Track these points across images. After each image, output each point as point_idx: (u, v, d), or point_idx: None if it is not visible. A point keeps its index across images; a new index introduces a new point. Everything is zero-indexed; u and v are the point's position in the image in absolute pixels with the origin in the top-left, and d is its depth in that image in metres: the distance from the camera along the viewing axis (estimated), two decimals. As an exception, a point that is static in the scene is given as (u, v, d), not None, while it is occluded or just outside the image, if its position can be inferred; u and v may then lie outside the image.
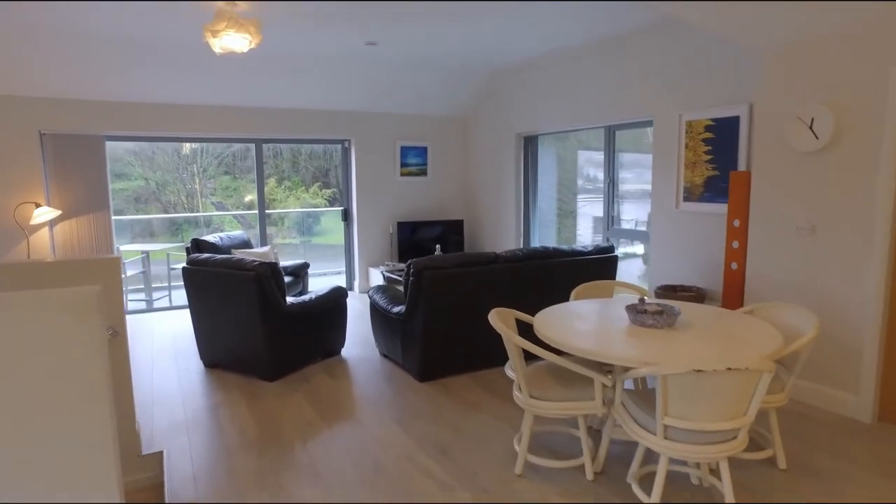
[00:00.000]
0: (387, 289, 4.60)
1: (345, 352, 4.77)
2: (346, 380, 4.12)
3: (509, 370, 2.77)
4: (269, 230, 8.16)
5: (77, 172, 5.77)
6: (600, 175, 5.82)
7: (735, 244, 3.92)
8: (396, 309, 4.12)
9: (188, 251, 5.52)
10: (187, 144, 7.63)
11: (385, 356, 4.60)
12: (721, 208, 4.33)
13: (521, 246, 6.85)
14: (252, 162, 7.92)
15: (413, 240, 7.32)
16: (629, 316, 2.75)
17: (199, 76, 5.81)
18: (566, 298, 4.32)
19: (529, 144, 6.69)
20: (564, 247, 4.40)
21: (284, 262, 6.16)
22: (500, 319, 2.71)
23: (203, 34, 4.03)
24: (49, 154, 5.67)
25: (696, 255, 4.63)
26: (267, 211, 6.96)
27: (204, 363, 4.46)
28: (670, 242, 4.83)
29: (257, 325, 3.94)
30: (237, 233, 6.14)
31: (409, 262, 3.92)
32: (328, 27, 4.77)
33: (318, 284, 7.99)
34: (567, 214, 6.76)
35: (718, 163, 4.35)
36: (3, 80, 5.28)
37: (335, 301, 4.48)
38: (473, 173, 7.67)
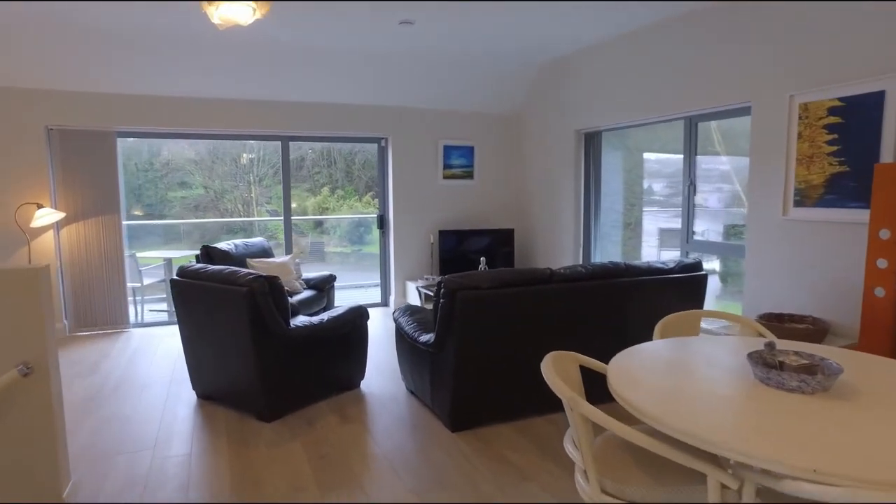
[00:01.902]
0: (416, 311, 3.77)
1: (365, 384, 3.97)
2: (360, 424, 3.30)
3: (570, 444, 1.88)
4: (323, 239, 8.06)
5: (86, 171, 5.25)
6: (670, 180, 4.83)
7: (882, 263, 2.87)
8: (424, 337, 3.28)
9: (197, 259, 4.88)
10: (245, 154, 7.44)
11: (412, 393, 3.77)
12: (852, 214, 3.29)
13: (581, 261, 5.90)
14: (307, 171, 7.64)
15: (456, 251, 6.49)
16: (755, 371, 1.81)
17: (220, 68, 5.20)
18: (644, 331, 3.38)
19: (591, 142, 5.75)
20: (640, 263, 3.45)
21: (308, 274, 5.44)
22: (557, 370, 1.83)
23: (200, 4, 3.38)
24: (56, 151, 5.18)
25: (811, 274, 3.58)
26: (293, 217, 6.28)
27: (196, 393, 3.76)
28: (774, 258, 3.80)
29: (250, 354, 3.18)
30: (256, 240, 5.47)
31: (439, 279, 3.08)
32: (361, 11, 4.03)
33: (353, 298, 7.33)
34: (628, 225, 5.77)
35: (848, 155, 3.31)
36: (8, 71, 4.82)
37: (352, 324, 3.69)
38: (526, 176, 6.78)
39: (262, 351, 3.19)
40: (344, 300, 6.95)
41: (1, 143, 4.99)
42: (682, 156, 4.70)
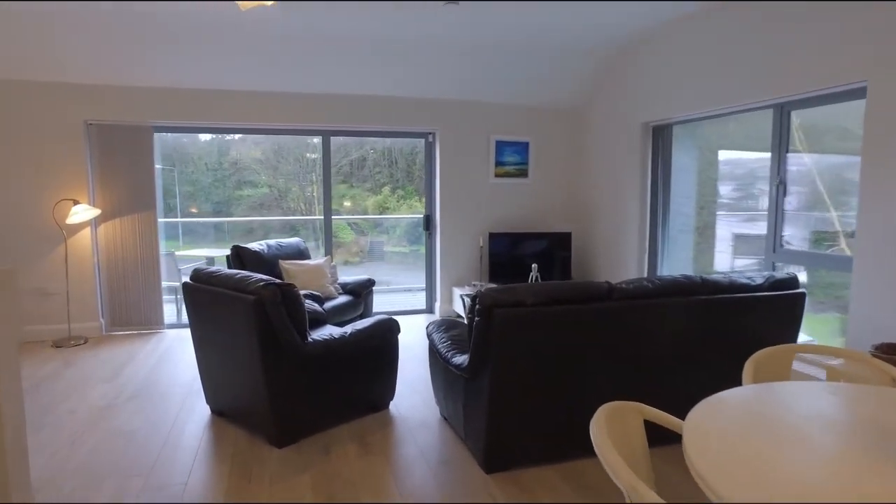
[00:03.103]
0: (453, 325, 3.30)
1: (395, 406, 3.54)
2: (381, 455, 2.87)
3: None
4: (381, 238, 8.02)
5: (123, 167, 5.10)
6: (740, 182, 4.15)
7: None
8: (458, 359, 2.81)
9: (228, 261, 4.61)
10: (310, 154, 7.60)
11: (446, 420, 3.31)
12: None
13: (646, 269, 5.25)
14: (369, 171, 7.59)
15: (508, 255, 5.98)
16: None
17: (258, 59, 4.92)
18: (728, 365, 2.77)
19: (660, 136, 5.10)
20: (720, 277, 2.85)
21: (345, 278, 5.08)
22: (613, 431, 1.32)
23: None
24: (94, 146, 5.05)
25: (944, 298, 2.86)
26: (334, 217, 5.95)
27: (210, 408, 3.44)
28: (893, 273, 3.08)
29: (258, 372, 2.81)
30: (291, 240, 5.16)
31: (475, 292, 2.61)
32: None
33: (398, 302, 6.97)
34: (698, 230, 5.09)
35: None
36: (50, 66, 4.71)
37: (380, 338, 3.27)
38: (586, 175, 6.19)
39: (272, 369, 2.81)
40: (387, 305, 6.59)
41: (41, 138, 4.90)
42: (755, 154, 4.05)
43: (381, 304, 6.57)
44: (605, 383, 2.69)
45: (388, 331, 3.31)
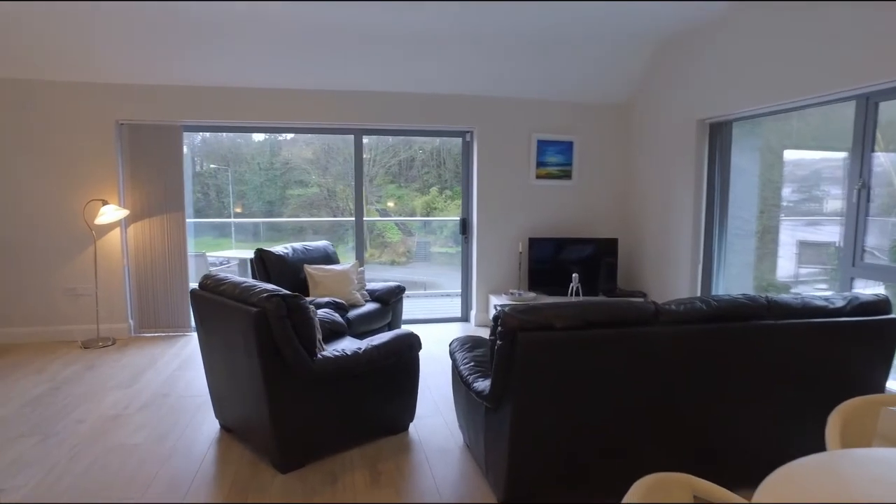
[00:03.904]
0: (479, 343, 2.98)
1: (416, 427, 3.24)
2: (391, 489, 2.57)
3: None
4: (428, 239, 8.00)
5: (153, 167, 5.01)
6: (801, 184, 3.65)
7: None
8: (481, 385, 2.48)
9: (251, 265, 4.43)
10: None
11: (469, 448, 2.98)
12: None
13: (699, 279, 4.77)
14: (417, 171, 7.57)
15: (549, 261, 5.60)
16: None
17: (291, 55, 4.73)
18: (803, 411, 2.36)
19: (718, 135, 4.62)
20: (791, 298, 2.41)
21: (373, 285, 4.83)
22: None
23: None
24: (125, 146, 4.98)
25: None
26: (364, 219, 5.71)
27: (219, 422, 3.23)
28: None
29: (261, 391, 2.56)
30: (318, 244, 4.95)
31: (497, 310, 2.28)
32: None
33: (433, 308, 6.69)
34: (757, 235, 4.58)
35: None
36: (82, 66, 4.66)
37: (397, 355, 2.98)
38: (635, 176, 5.73)
39: (275, 388, 2.56)
40: (421, 312, 6.31)
41: (73, 138, 4.87)
42: (820, 153, 3.54)
43: (415, 310, 6.31)
44: (645, 424, 2.31)
45: (407, 347, 3.01)
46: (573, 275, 4.38)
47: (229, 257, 6.68)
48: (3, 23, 4.18)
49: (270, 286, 2.67)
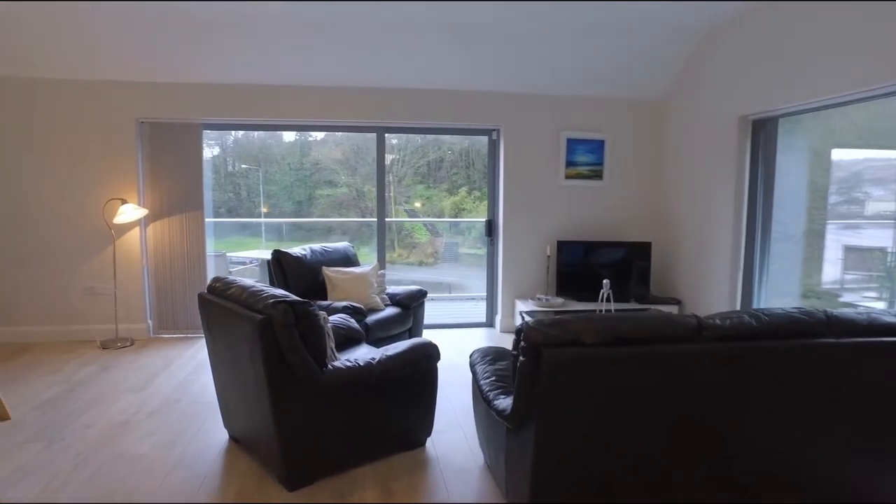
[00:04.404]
0: (501, 355, 2.77)
1: (433, 443, 3.05)
2: (405, 513, 2.39)
3: None
4: (456, 239, 7.94)
5: (172, 166, 4.94)
6: (839, 185, 3.33)
7: None
8: (502, 403, 2.27)
9: (269, 267, 4.30)
10: (388, 154, 7.33)
11: (490, 468, 2.78)
12: None
13: (739, 286, 4.47)
14: (446, 172, 7.53)
15: (578, 265, 5.35)
16: None
17: (310, 51, 4.60)
18: (873, 445, 2.10)
19: (762, 132, 4.31)
20: (852, 313, 2.14)
21: (393, 289, 4.65)
22: None
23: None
24: (145, 145, 4.91)
25: None
26: (388, 219, 5.54)
27: (227, 432, 3.09)
28: None
29: (266, 403, 2.40)
30: (338, 245, 4.80)
31: (521, 323, 2.07)
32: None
33: (457, 313, 6.50)
34: (806, 240, 4.25)
35: None
36: (104, 64, 4.61)
37: (414, 366, 2.79)
38: (670, 176, 5.44)
39: (282, 400, 2.40)
40: (444, 316, 6.13)
41: (94, 137, 4.83)
42: (866, 153, 3.23)
43: (438, 315, 6.13)
44: (681, 449, 2.07)
45: (424, 358, 2.82)
46: (604, 280, 4.13)
47: (252, 257, 6.60)
48: (26, 23, 4.14)
49: (279, 291, 2.51)
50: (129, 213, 4.63)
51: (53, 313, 4.92)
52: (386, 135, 5.36)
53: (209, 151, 7.45)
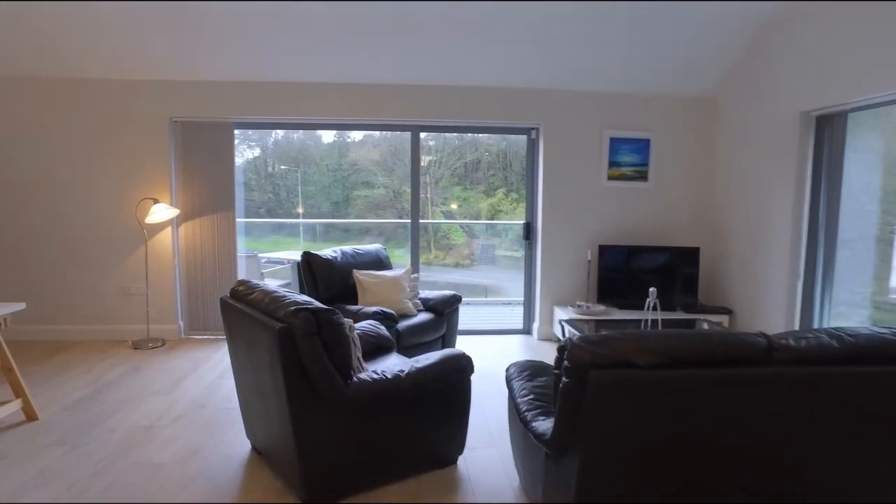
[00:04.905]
0: (540, 371, 2.55)
1: (465, 461, 2.85)
2: (433, 542, 2.20)
3: None
4: (493, 241, 7.85)
5: (204, 165, 4.88)
6: None
7: None
8: (541, 425, 2.06)
9: (298, 269, 4.18)
10: (424, 156, 7.47)
11: (525, 492, 2.56)
12: None
13: (799, 298, 4.12)
14: (483, 174, 7.51)
15: (621, 271, 5.08)
16: None
17: (342, 48, 4.47)
18: None
19: (827, 129, 3.96)
20: (951, 336, 1.85)
21: (426, 293, 4.47)
22: None
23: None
24: (178, 144, 4.87)
25: None
26: (422, 221, 5.37)
27: (250, 442, 2.97)
28: None
29: (286, 417, 2.25)
30: (370, 247, 4.65)
31: (564, 340, 1.85)
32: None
33: (492, 319, 6.28)
34: (876, 247, 3.87)
35: None
36: (139, 64, 4.59)
37: (445, 380, 2.60)
38: (721, 177, 5.11)
39: (302, 415, 2.24)
40: (479, 322, 5.92)
41: (128, 136, 4.81)
42: None
43: (472, 320, 5.93)
44: (744, 487, 1.82)
45: (456, 371, 2.63)
46: (650, 289, 3.86)
47: (287, 258, 6.53)
48: (62, 24, 4.13)
49: (302, 298, 2.36)
50: (160, 212, 4.59)
51: (89, 313, 4.92)
52: (423, 135, 5.20)
53: (250, 152, 7.60)
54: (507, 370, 2.62)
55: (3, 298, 4.74)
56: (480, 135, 7.17)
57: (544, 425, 2.03)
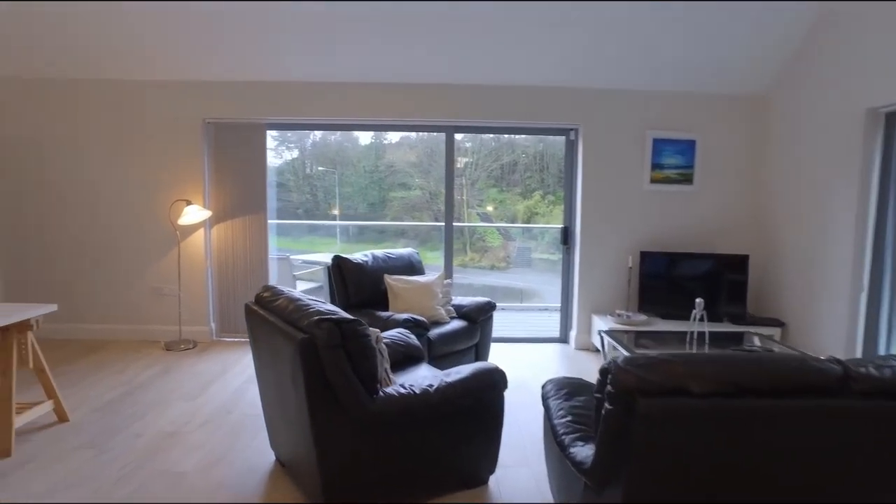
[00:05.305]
0: (579, 389, 2.37)
1: (496, 480, 2.69)
2: (462, 572, 2.04)
3: None
4: (529, 244, 7.74)
5: (237, 166, 4.85)
6: None
7: None
8: (580, 452, 1.89)
9: (328, 273, 4.09)
10: (460, 157, 7.69)
11: (560, 516, 2.39)
12: None
13: (863, 313, 3.81)
14: (519, 176, 7.45)
15: (663, 279, 4.83)
16: None
17: (374, 46, 4.37)
18: None
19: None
20: None
21: (460, 300, 4.33)
22: None
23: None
24: (211, 145, 4.86)
25: None
26: (455, 224, 5.22)
27: (274, 453, 2.87)
28: None
29: (307, 431, 2.14)
30: (402, 251, 4.54)
31: (607, 361, 1.69)
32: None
33: (526, 325, 6.10)
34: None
35: None
36: (172, 65, 4.59)
37: (476, 396, 2.44)
38: (773, 180, 4.81)
39: (324, 430, 2.12)
40: (514, 329, 5.75)
41: (164, 137, 4.82)
42: None
43: (508, 326, 5.76)
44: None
45: (489, 387, 2.47)
46: (697, 300, 3.62)
47: (317, 261, 6.48)
48: (96, 27, 4.15)
49: (326, 307, 2.24)
50: (192, 214, 4.58)
51: (123, 313, 4.95)
52: (459, 137, 5.08)
53: (289, 154, 7.67)
54: (544, 387, 2.45)
55: (38, 298, 4.80)
56: (517, 136, 7.02)
57: (584, 452, 1.86)
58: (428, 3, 3.94)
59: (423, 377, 2.53)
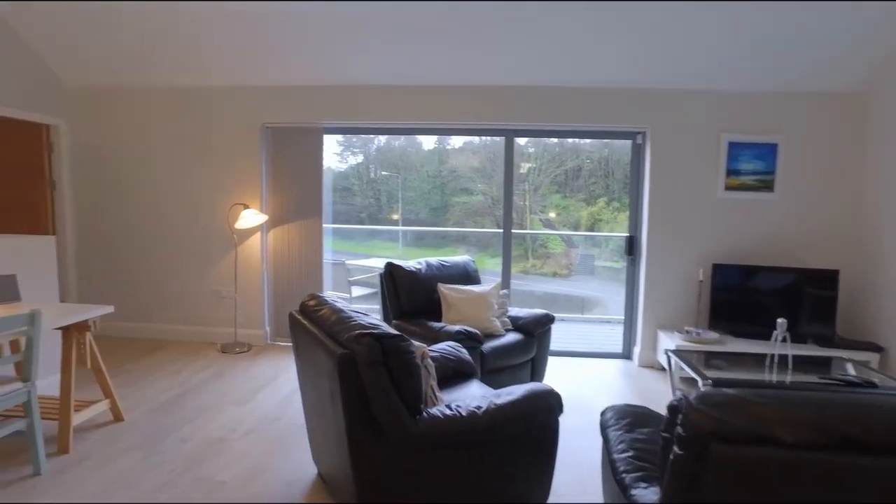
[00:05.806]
0: (643, 420, 2.14)
1: (550, 510, 2.48)
2: None
3: None
4: (593, 251, 7.60)
5: (294, 171, 4.86)
6: None
7: None
8: (643, 496, 1.67)
9: (381, 281, 4.00)
10: (524, 163, 7.74)
11: (619, 560, 2.15)
12: None
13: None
14: (584, 181, 7.34)
15: (738, 293, 4.45)
16: None
17: (432, 48, 4.26)
18: None
19: None
20: None
21: (516, 311, 4.12)
22: None
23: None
24: (269, 150, 4.89)
25: None
26: (514, 230, 5.02)
27: (316, 467, 2.77)
28: None
29: (345, 451, 2.01)
30: (458, 259, 4.38)
31: (677, 398, 1.46)
32: None
33: (588, 337, 5.80)
34: None
35: None
36: (234, 70, 4.65)
37: (528, 420, 2.25)
38: (869, 188, 4.34)
39: (362, 450, 1.99)
40: (573, 342, 5.48)
41: (225, 142, 4.89)
42: None
43: (568, 338, 5.51)
44: None
45: (542, 410, 2.27)
46: (779, 320, 3.26)
47: (373, 266, 6.44)
48: (163, 33, 4.24)
49: (369, 320, 2.12)
50: (249, 218, 4.61)
51: (185, 314, 5.06)
52: (523, 142, 4.91)
53: (354, 158, 7.76)
54: (603, 415, 2.23)
55: (101, 298, 4.97)
56: (581, 141, 6.78)
57: (646, 497, 1.64)
58: (489, 4, 3.78)
59: (472, 396, 2.37)
